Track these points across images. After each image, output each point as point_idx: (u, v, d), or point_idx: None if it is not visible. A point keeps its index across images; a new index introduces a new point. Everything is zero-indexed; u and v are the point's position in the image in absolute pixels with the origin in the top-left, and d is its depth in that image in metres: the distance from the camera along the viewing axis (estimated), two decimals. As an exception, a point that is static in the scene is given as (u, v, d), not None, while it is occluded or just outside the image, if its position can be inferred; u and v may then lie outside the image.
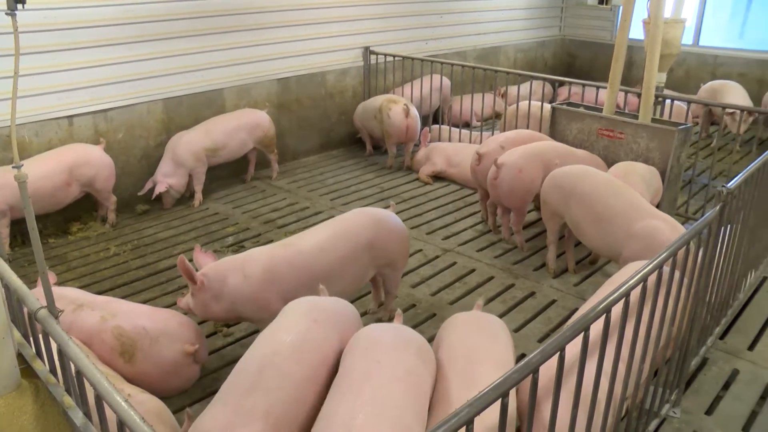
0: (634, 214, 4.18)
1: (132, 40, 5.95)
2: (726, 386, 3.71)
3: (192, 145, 6.06)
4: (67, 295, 3.60)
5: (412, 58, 7.80)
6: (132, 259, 5.19)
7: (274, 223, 5.90)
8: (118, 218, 5.84)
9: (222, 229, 5.75)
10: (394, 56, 7.87)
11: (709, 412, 3.50)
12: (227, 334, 4.20)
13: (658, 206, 5.05)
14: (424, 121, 7.77)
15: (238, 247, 5.39)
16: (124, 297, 4.37)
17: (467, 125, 8.50)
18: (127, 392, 2.88)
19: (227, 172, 6.83)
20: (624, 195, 4.37)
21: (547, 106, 6.42)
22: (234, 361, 3.89)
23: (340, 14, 7.64)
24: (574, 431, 2.34)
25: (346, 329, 2.88)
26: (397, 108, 7.02)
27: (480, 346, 2.79)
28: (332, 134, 8.02)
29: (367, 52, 7.96)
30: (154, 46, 6.11)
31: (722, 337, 4.16)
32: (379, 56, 7.93)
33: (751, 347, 4.08)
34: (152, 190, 5.97)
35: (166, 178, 5.97)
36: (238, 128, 6.40)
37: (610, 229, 4.25)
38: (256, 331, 4.17)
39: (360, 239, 3.84)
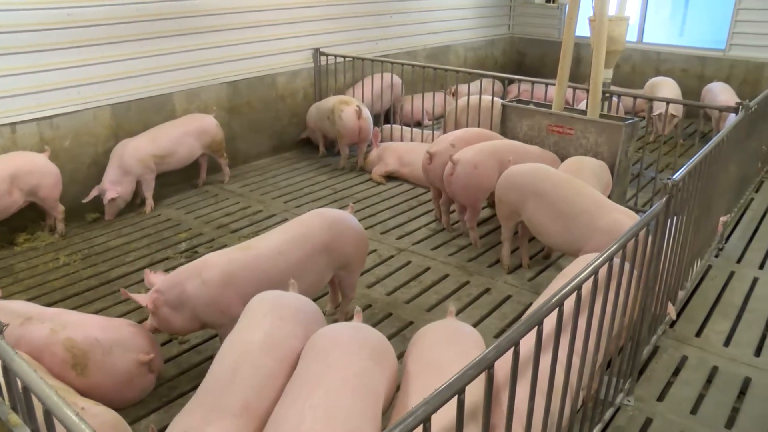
0: (598, 210, 4.25)
1: (77, 45, 5.81)
2: (676, 372, 3.83)
3: (139, 152, 5.93)
4: (15, 308, 3.51)
5: (363, 59, 7.81)
6: (83, 269, 5.08)
7: (227, 227, 5.83)
8: (67, 227, 5.69)
9: (175, 235, 5.67)
10: (344, 57, 7.86)
11: (660, 398, 3.60)
12: (182, 341, 4.14)
13: (608, 199, 5.16)
14: (376, 120, 7.78)
15: (192, 252, 5.32)
16: (75, 308, 4.29)
17: (419, 124, 8.55)
18: (80, 405, 2.81)
19: (179, 178, 6.72)
20: (585, 192, 4.44)
21: (498, 104, 6.48)
22: (190, 369, 3.88)
23: (290, 16, 7.59)
24: (531, 424, 2.37)
25: (310, 325, 2.94)
26: (349, 109, 7.01)
27: (449, 359, 2.73)
28: (284, 136, 7.97)
29: (318, 53, 7.94)
30: (100, 50, 5.98)
31: (672, 325, 4.27)
32: (330, 57, 7.91)
33: (698, 334, 4.21)
34: (99, 196, 5.82)
35: (114, 186, 5.85)
36: (185, 134, 6.30)
37: (573, 226, 4.31)
38: (212, 338, 4.15)
39: (317, 241, 3.84)
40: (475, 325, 4.34)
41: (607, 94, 6.27)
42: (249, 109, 7.45)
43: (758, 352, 4.04)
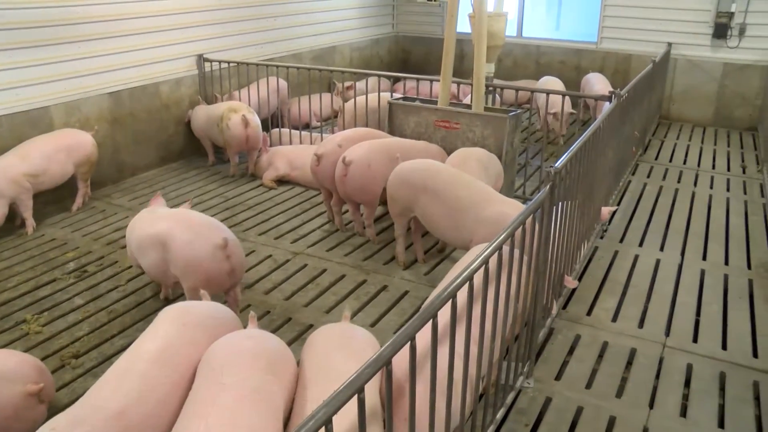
0: (484, 202, 4.36)
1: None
2: (571, 351, 4.01)
3: (9, 172, 5.49)
4: None
5: (247, 64, 7.70)
6: (-42, 299, 4.75)
7: (117, 243, 5.60)
8: (-62, 256, 5.31)
9: (61, 255, 5.39)
10: (228, 62, 7.73)
11: (558, 377, 3.76)
12: (76, 366, 3.95)
13: (499, 190, 5.30)
14: (264, 125, 7.66)
15: (81, 272, 5.08)
16: (-50, 343, 4.01)
17: (307, 126, 8.51)
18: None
19: (62, 194, 6.34)
20: (473, 186, 4.54)
21: (385, 101, 6.52)
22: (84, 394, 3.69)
23: (170, 22, 7.37)
24: (434, 415, 2.41)
25: (219, 332, 2.97)
26: (236, 118, 6.88)
27: (341, 362, 2.76)
28: (171, 146, 7.74)
29: (201, 59, 7.76)
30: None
31: (564, 306, 4.46)
32: (214, 63, 7.75)
33: (589, 313, 4.43)
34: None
35: None
36: (56, 150, 5.86)
37: (462, 220, 4.39)
38: (107, 360, 3.99)
39: (152, 233, 4.12)
40: (374, 323, 4.37)
41: (491, 88, 6.45)
42: (133, 120, 7.18)
43: (641, 324, 4.30)
